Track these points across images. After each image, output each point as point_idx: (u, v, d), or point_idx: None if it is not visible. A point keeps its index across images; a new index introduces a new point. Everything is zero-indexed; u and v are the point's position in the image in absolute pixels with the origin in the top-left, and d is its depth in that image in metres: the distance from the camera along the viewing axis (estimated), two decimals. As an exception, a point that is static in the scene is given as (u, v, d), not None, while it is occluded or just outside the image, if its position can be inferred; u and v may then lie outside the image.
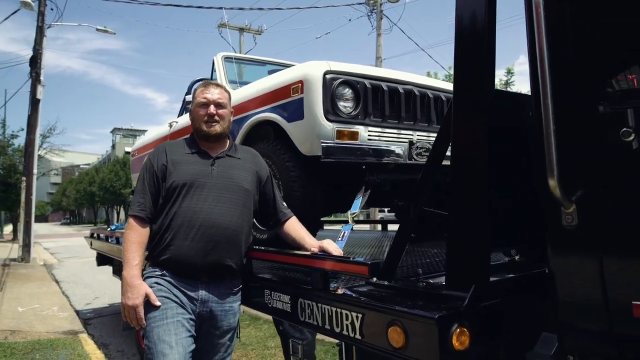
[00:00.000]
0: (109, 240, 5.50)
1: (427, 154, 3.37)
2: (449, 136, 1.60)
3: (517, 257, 2.15)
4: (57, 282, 10.28)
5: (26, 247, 14.12)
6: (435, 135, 3.41)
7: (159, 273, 2.09)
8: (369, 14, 18.51)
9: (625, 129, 1.11)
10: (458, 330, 1.32)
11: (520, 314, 1.56)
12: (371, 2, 18.23)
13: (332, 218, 6.85)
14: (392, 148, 3.20)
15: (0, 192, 26.25)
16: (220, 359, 2.16)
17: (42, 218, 76.97)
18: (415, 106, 3.35)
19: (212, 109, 2.20)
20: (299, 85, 3.04)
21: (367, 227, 9.29)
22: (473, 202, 1.47)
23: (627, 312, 1.14)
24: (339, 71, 3.03)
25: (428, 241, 3.37)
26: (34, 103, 14.26)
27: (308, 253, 2.01)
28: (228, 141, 2.36)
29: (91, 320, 6.62)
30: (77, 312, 7.02)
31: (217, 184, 2.15)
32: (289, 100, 3.11)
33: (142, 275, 2.10)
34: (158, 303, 2.00)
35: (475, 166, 1.48)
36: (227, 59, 4.48)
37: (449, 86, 3.65)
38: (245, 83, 4.05)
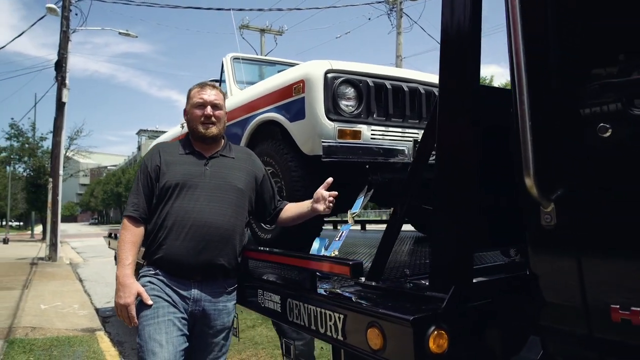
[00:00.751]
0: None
1: (432, 152, 3.32)
2: (434, 134, 1.56)
3: (517, 258, 2.10)
4: (80, 280, 10.54)
5: (53, 246, 14.52)
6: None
7: (153, 272, 2.11)
8: (389, 12, 18.39)
9: (602, 124, 1.06)
10: (435, 332, 1.28)
11: (508, 316, 1.52)
12: (391, 0, 18.10)
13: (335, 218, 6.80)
14: (396, 147, 3.15)
15: (31, 194, 27.16)
16: (215, 358, 2.17)
17: (71, 218, 79.17)
18: (420, 104, 3.30)
19: (209, 109, 2.21)
20: (301, 85, 3.03)
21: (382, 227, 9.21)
22: (455, 201, 1.43)
23: (607, 316, 1.09)
24: (340, 70, 3.01)
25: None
26: (60, 106, 14.65)
27: (294, 253, 2.00)
28: (223, 141, 2.37)
29: (109, 318, 6.75)
30: (97, 310, 7.17)
31: (209, 184, 2.16)
32: (291, 100, 3.10)
33: (138, 273, 2.13)
34: (150, 302, 2.02)
35: (459, 165, 1.45)
36: (236, 59, 4.50)
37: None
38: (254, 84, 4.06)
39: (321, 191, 2.26)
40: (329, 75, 2.96)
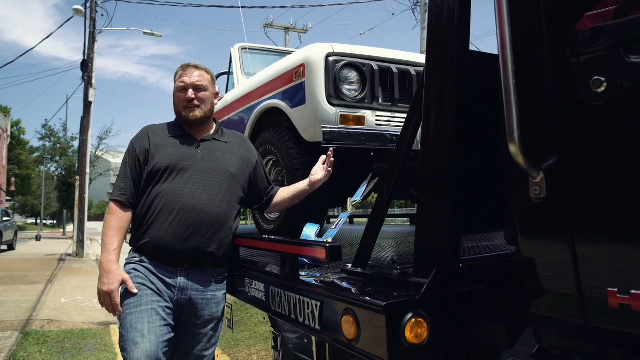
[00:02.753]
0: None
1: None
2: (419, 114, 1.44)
3: (513, 250, 1.93)
4: (103, 275, 10.69)
5: (80, 242, 14.85)
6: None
7: (138, 259, 2.03)
8: (413, 7, 18.07)
9: (595, 77, 0.91)
10: (413, 320, 1.15)
11: (499, 305, 1.36)
12: (414, -5, 17.79)
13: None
14: (403, 133, 3.00)
15: (62, 192, 27.92)
16: (203, 349, 2.08)
17: (102, 217, 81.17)
18: (429, 89, 3.14)
19: (190, 93, 2.12)
20: (301, 69, 2.92)
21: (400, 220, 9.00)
22: (437, 182, 1.30)
23: (603, 301, 0.93)
24: (342, 53, 2.88)
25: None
26: (87, 105, 14.96)
27: (272, 237, 1.90)
28: (214, 125, 2.28)
29: (127, 312, 6.79)
30: (116, 305, 7.22)
31: (201, 168, 2.07)
32: (292, 85, 2.99)
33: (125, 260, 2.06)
34: (135, 290, 1.94)
35: (442, 142, 1.32)
36: (244, 50, 4.42)
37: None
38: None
39: (318, 163, 2.25)
40: (330, 58, 2.83)
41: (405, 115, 3.01)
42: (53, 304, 6.99)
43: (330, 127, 2.78)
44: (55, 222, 49.82)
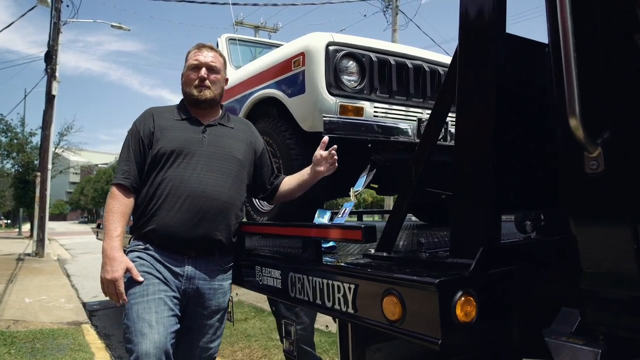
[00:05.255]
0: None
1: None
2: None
3: (532, 234, 1.95)
4: (67, 275, 10.29)
5: (40, 242, 14.21)
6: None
7: (142, 247, 1.93)
8: (385, 9, 18.27)
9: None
10: (463, 298, 1.13)
11: (538, 284, 1.37)
12: (386, -3, 17.99)
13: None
14: (400, 126, 3.00)
15: (19, 190, 26.63)
16: (209, 340, 2.00)
17: (60, 217, 78.32)
18: (424, 82, 3.15)
19: (203, 71, 2.05)
20: (301, 58, 2.87)
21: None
22: (478, 158, 1.28)
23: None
24: (342, 43, 2.85)
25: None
26: (49, 99, 14.36)
27: (296, 222, 1.85)
28: (220, 110, 2.20)
29: (97, 312, 6.54)
30: (84, 304, 6.95)
31: (207, 153, 1.99)
32: (290, 74, 2.94)
33: (125, 248, 1.95)
34: (140, 279, 1.85)
35: (481, 121, 1.30)
36: (232, 40, 4.33)
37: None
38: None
39: (319, 151, 2.15)
40: (331, 47, 2.80)
41: (401, 108, 3.04)
42: (17, 303, 6.64)
43: (331, 117, 2.74)
44: (9, 221, 47.55)
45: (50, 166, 14.94)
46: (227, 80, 2.25)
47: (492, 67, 1.30)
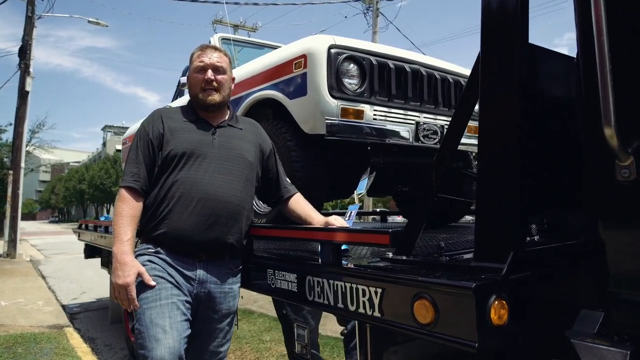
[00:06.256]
0: (98, 230, 5.28)
1: (434, 136, 3.22)
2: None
3: (536, 238, 2.00)
4: (43, 277, 10.00)
5: (12, 242, 13.79)
6: (441, 118, 3.30)
7: (153, 250, 1.90)
8: (365, 11, 18.38)
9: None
10: (496, 302, 1.16)
11: (559, 287, 1.41)
12: (367, -1, 18.11)
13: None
14: (399, 129, 3.04)
15: (-14, 188, 25.77)
16: (219, 345, 1.99)
17: (30, 216, 76.05)
18: (422, 86, 3.20)
19: (209, 74, 2.02)
20: (302, 60, 2.87)
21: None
22: (505, 158, 1.31)
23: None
24: (344, 46, 2.87)
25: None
26: (23, 95, 13.94)
27: (319, 226, 1.85)
28: (229, 110, 2.19)
29: (78, 314, 6.39)
30: (64, 307, 6.77)
31: (218, 155, 1.97)
32: (291, 76, 2.94)
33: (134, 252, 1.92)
34: (152, 283, 1.82)
35: (506, 120, 1.33)
36: (225, 40, 4.30)
37: (456, 68, 3.51)
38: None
39: (336, 224, 1.92)
40: (332, 50, 2.81)
41: (399, 112, 3.08)
42: (-7, 307, 6.44)
43: (334, 120, 2.76)
44: (-25, 221, 45.95)
45: (23, 164, 14.51)
46: (234, 79, 2.23)
47: (516, 78, 1.33)
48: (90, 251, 6.27)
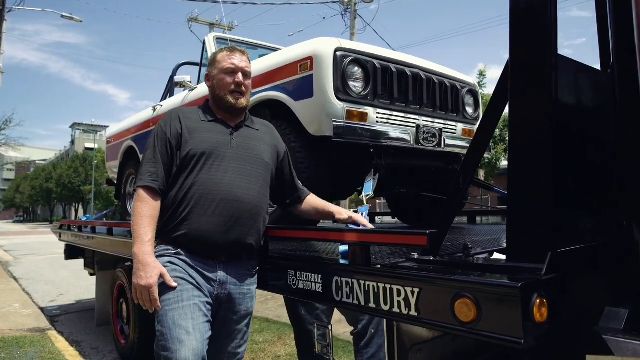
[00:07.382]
0: (83, 230, 5.16)
1: (433, 139, 3.29)
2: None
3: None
4: (15, 279, 9.67)
5: (-20, 243, 13.28)
6: (439, 121, 3.37)
7: (173, 251, 1.89)
8: (343, 12, 18.49)
9: None
10: (538, 300, 1.21)
11: (586, 286, 1.48)
12: (345, 1, 18.21)
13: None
14: (400, 131, 3.10)
15: (-51, 187, 24.74)
16: (237, 345, 1.99)
17: (-7, 216, 73.24)
18: (421, 90, 3.27)
19: (240, 76, 2.02)
20: (308, 62, 2.89)
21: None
22: (536, 167, 1.36)
23: None
24: (349, 49, 2.91)
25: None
26: (-9, 91, 13.44)
27: (352, 227, 1.88)
28: (245, 112, 2.19)
29: (58, 317, 6.21)
30: (42, 310, 6.58)
31: (237, 155, 1.97)
32: (297, 78, 2.96)
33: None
34: (174, 284, 1.81)
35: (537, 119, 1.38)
36: (220, 40, 4.27)
37: (453, 73, 3.59)
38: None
39: (359, 220, 2.04)
40: (339, 53, 2.85)
41: (401, 114, 3.13)
42: (-33, 310, 6.20)
43: (340, 122, 2.79)
44: None
45: (-9, 162, 14.01)
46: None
47: (547, 95, 1.38)
48: (72, 252, 6.12)
